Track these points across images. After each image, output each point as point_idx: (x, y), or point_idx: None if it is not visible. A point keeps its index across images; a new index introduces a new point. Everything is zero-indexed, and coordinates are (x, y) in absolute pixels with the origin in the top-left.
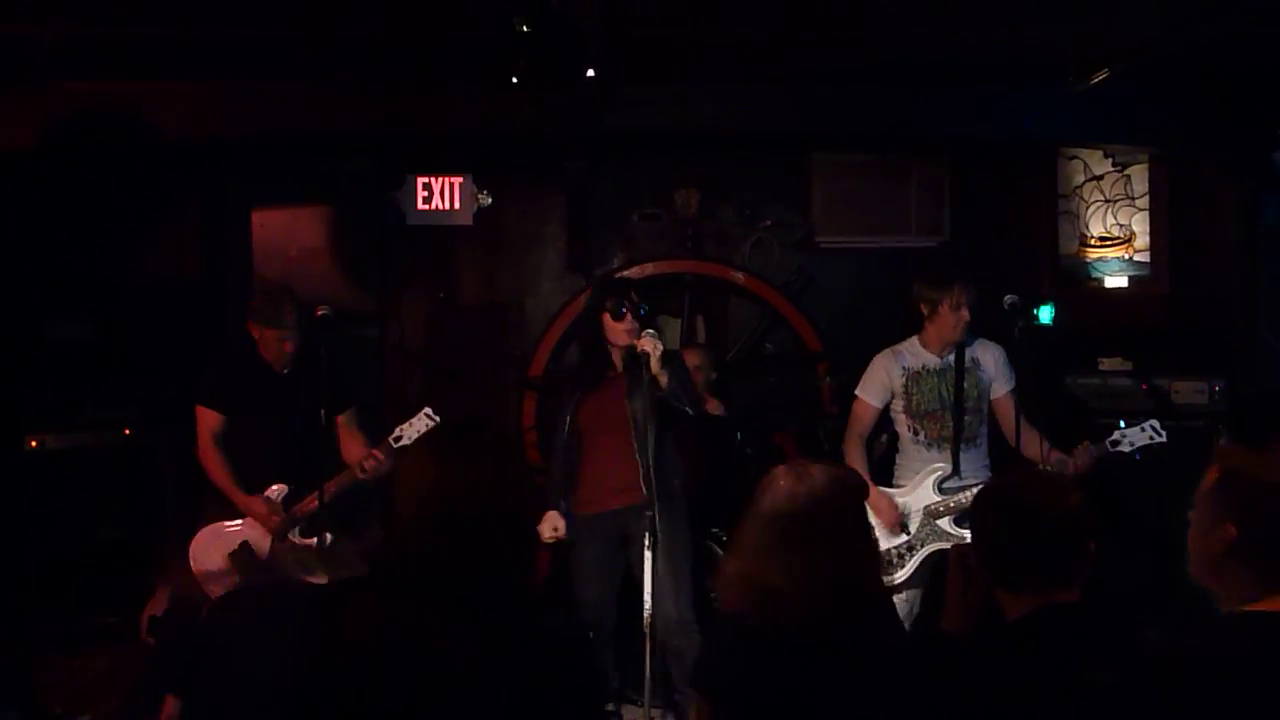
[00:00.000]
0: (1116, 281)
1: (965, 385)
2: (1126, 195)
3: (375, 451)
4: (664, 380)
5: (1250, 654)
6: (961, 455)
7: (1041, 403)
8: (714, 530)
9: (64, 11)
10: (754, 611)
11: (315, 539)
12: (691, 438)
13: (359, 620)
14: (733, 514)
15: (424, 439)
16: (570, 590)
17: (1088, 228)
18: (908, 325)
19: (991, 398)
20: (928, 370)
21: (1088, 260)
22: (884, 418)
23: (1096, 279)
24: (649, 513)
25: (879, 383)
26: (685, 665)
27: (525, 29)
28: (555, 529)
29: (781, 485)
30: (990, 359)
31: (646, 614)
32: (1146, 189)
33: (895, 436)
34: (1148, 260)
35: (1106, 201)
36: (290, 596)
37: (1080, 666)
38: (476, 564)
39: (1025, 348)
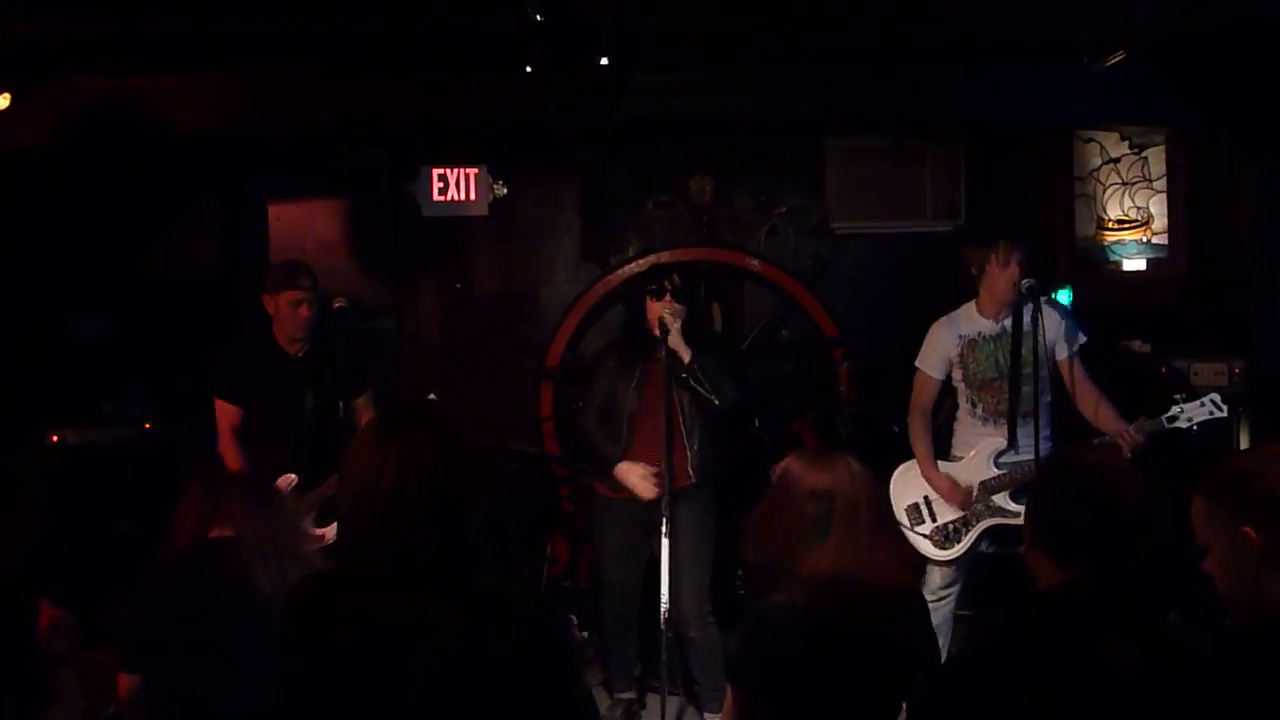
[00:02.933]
0: (1134, 264)
1: (1023, 351)
2: (1144, 177)
3: None
4: (685, 356)
5: None
6: (1019, 428)
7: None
8: (732, 518)
9: (78, 8)
10: (836, 598)
11: (326, 530)
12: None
13: (318, 617)
14: (751, 502)
15: (364, 428)
16: (595, 574)
17: (1105, 210)
18: (925, 309)
19: (1057, 359)
20: (984, 337)
21: (1105, 243)
22: (946, 387)
23: (1114, 262)
24: (665, 498)
25: (936, 353)
26: (701, 655)
27: (539, 18)
28: (643, 476)
29: (860, 470)
30: (1051, 320)
31: (664, 603)
32: (1163, 171)
33: (954, 407)
34: (1165, 243)
35: (1123, 184)
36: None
37: (1100, 641)
38: (423, 548)
39: (1042, 332)
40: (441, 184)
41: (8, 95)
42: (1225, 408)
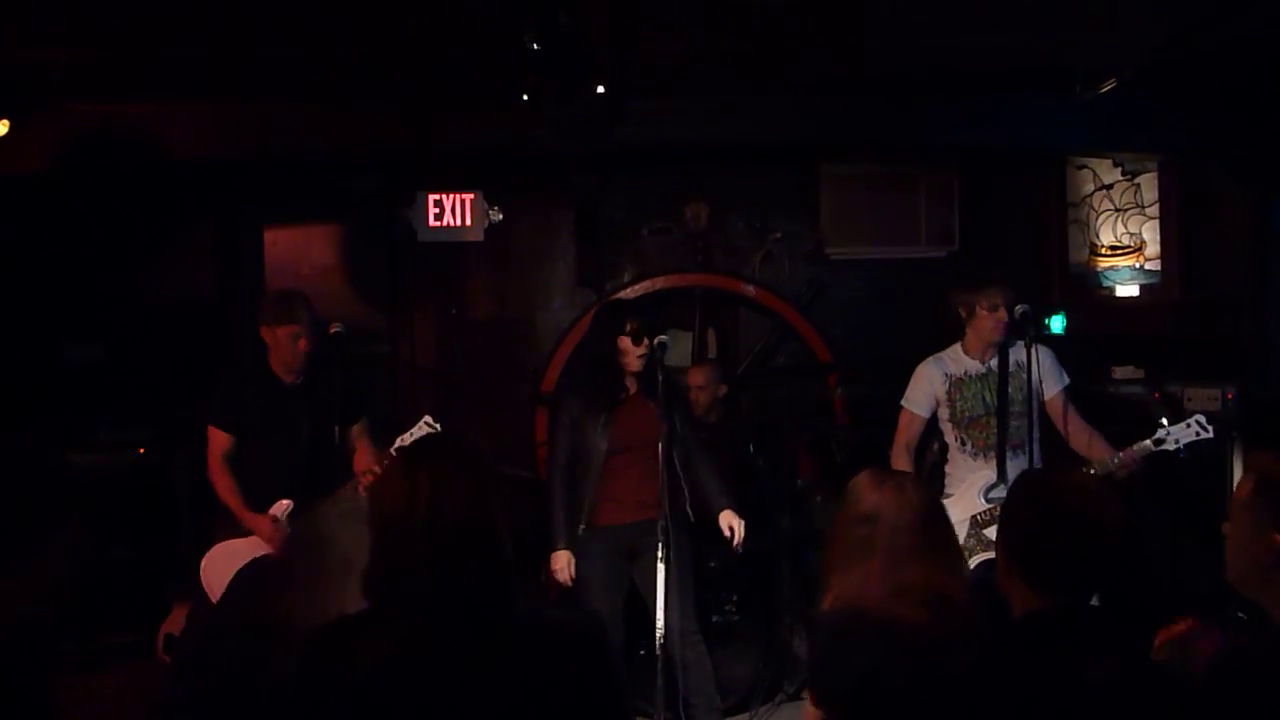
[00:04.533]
0: (1127, 290)
1: (1010, 389)
2: (1136, 204)
3: (375, 466)
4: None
5: None
6: (1008, 462)
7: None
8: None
9: (77, 34)
10: (928, 618)
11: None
12: (704, 450)
13: (353, 656)
14: (747, 525)
15: (394, 459)
16: (576, 606)
17: (1098, 236)
18: (919, 335)
19: (1045, 398)
20: (970, 376)
21: (1098, 269)
22: (935, 426)
23: (1107, 288)
24: (662, 524)
25: (923, 391)
26: (693, 676)
27: (535, 46)
28: (568, 568)
29: (911, 493)
30: (1041, 360)
31: (660, 628)
32: (1156, 197)
33: (946, 446)
34: (1158, 268)
35: (1116, 210)
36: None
37: (1078, 667)
38: (465, 574)
39: (1036, 358)
40: (437, 209)
41: (6, 121)
42: (1211, 429)
